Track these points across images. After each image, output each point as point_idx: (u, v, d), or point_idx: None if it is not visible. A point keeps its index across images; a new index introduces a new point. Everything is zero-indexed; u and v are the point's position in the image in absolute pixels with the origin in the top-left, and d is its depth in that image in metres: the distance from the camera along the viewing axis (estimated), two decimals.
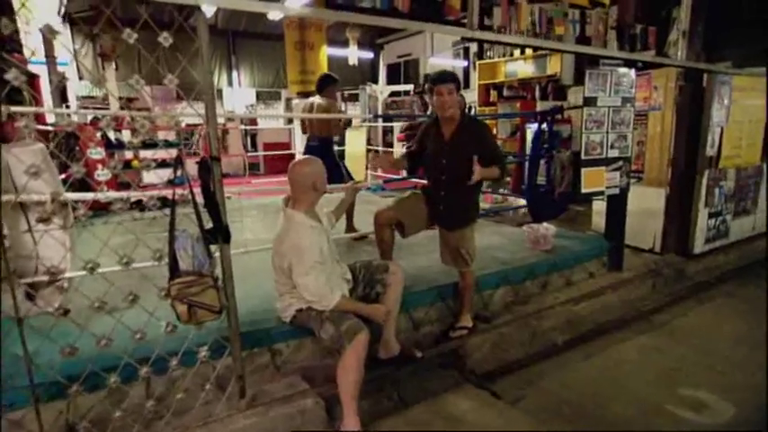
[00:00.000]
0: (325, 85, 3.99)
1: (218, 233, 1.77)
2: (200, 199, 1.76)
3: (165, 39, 1.65)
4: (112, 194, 2.25)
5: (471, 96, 9.53)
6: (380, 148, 8.78)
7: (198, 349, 1.81)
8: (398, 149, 10.39)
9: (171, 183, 1.76)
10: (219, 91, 11.14)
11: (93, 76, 6.96)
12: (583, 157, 3.25)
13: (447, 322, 2.78)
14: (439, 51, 10.90)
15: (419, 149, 2.67)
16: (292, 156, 7.30)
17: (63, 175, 3.97)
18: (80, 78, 9.19)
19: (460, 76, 10.78)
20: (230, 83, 11.23)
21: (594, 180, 3.34)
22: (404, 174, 5.38)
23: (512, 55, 8.71)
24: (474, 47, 10.09)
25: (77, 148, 4.49)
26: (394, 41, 12.49)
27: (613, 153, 3.38)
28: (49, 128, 4.26)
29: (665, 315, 3.22)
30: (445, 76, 2.43)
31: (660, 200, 4.07)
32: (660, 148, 4.04)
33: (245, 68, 11.40)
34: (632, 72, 3.29)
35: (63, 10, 8.66)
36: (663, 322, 3.12)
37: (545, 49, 2.86)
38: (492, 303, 2.99)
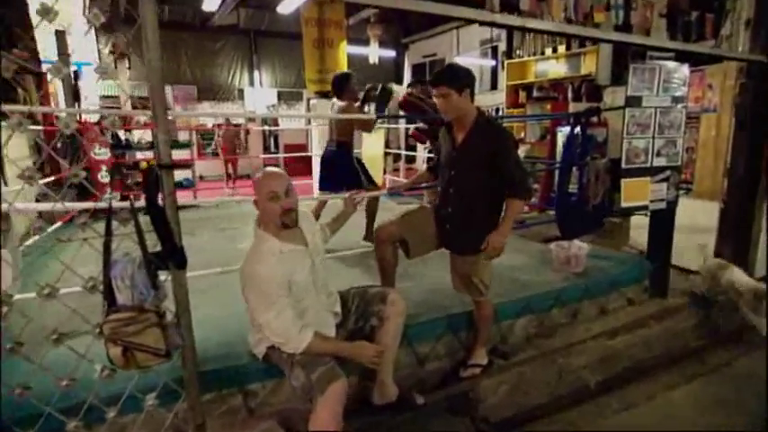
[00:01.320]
0: (343, 85, 3.56)
1: (169, 257, 1.45)
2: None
3: (95, 16, 1.31)
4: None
5: (499, 97, 9.03)
6: (402, 152, 8.41)
7: (145, 396, 1.49)
8: (420, 153, 9.98)
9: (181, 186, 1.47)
10: (241, 91, 11.04)
11: (105, 71, 6.85)
12: (623, 165, 2.79)
13: (457, 357, 2.38)
14: (466, 51, 10.44)
15: (440, 161, 2.30)
16: (309, 158, 7.01)
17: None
18: (103, 78, 9.19)
19: (487, 76, 10.31)
20: (251, 83, 11.10)
21: (636, 192, 2.87)
22: None
23: (543, 53, 8.20)
24: (503, 45, 9.59)
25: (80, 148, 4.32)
26: (419, 41, 12.11)
27: (660, 161, 2.90)
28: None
29: (720, 354, 2.71)
30: (435, 77, 2.02)
31: (712, 215, 3.56)
32: (714, 156, 3.53)
33: (267, 68, 11.26)
34: (685, 67, 2.81)
35: (87, 10, 8.71)
36: (719, 363, 2.62)
37: (583, 37, 2.43)
38: (512, 335, 2.57)
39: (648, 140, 2.83)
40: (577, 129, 3.40)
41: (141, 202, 1.44)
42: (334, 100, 3.70)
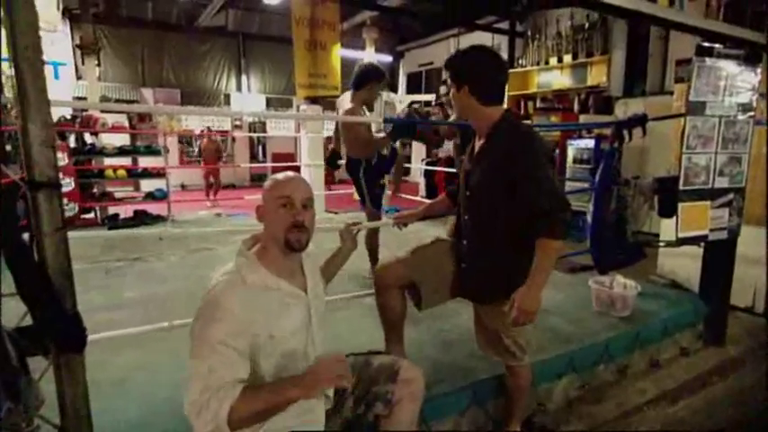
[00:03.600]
0: (366, 79, 2.72)
1: (47, 333, 0.87)
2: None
3: None
4: None
5: None
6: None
7: None
8: (416, 165, 9.44)
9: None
10: (227, 96, 10.46)
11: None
12: (682, 186, 2.28)
13: None
14: None
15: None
16: (297, 169, 6.45)
17: None
18: (78, 78, 8.59)
19: None
20: (239, 88, 10.53)
21: (695, 219, 2.36)
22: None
23: (547, 63, 7.79)
24: (504, 54, 9.19)
25: None
26: (415, 49, 11.71)
27: (722, 182, 2.40)
28: None
29: None
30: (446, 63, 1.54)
31: (764, 243, 3.06)
32: (766, 176, 3.04)
33: (256, 73, 10.70)
34: (755, 69, 2.32)
35: (61, 5, 8.15)
36: None
37: (659, 22, 1.89)
38: (550, 401, 2.01)
39: (710, 156, 2.32)
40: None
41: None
42: (347, 96, 2.83)
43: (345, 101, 2.84)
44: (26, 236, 0.86)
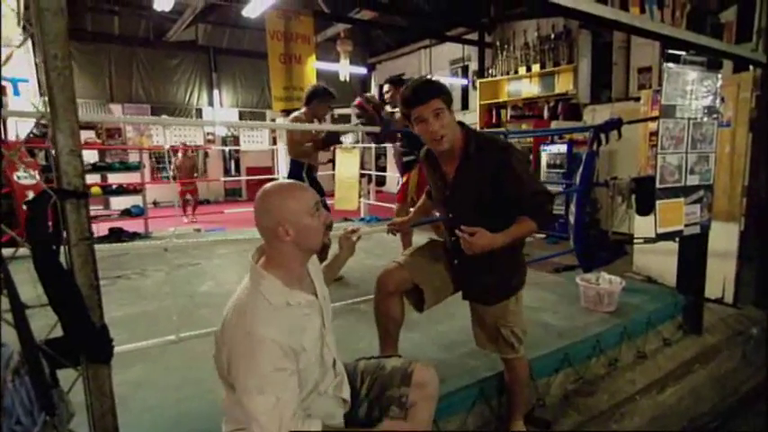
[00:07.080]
0: (311, 97, 3.16)
1: (78, 346, 0.86)
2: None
3: None
4: None
5: (471, 118, 8.80)
6: (373, 173, 7.99)
7: None
8: (392, 174, 9.56)
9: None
10: (199, 110, 10.30)
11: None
12: (658, 185, 2.42)
13: (488, 430, 1.85)
14: (435, 71, 10.26)
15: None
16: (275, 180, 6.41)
17: None
18: (41, 95, 8.28)
19: (458, 95, 10.09)
20: (211, 102, 10.38)
21: (672, 216, 2.49)
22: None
23: (516, 72, 8.07)
24: (473, 65, 9.47)
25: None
26: (386, 61, 11.90)
27: (693, 180, 2.56)
28: None
29: None
30: (421, 92, 1.47)
31: (731, 237, 3.26)
32: (731, 174, 3.25)
33: (228, 87, 10.60)
34: (717, 75, 2.50)
35: (22, 21, 7.88)
36: None
37: (634, 31, 2.02)
38: (548, 395, 2.07)
39: (682, 156, 2.48)
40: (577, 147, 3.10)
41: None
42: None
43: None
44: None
